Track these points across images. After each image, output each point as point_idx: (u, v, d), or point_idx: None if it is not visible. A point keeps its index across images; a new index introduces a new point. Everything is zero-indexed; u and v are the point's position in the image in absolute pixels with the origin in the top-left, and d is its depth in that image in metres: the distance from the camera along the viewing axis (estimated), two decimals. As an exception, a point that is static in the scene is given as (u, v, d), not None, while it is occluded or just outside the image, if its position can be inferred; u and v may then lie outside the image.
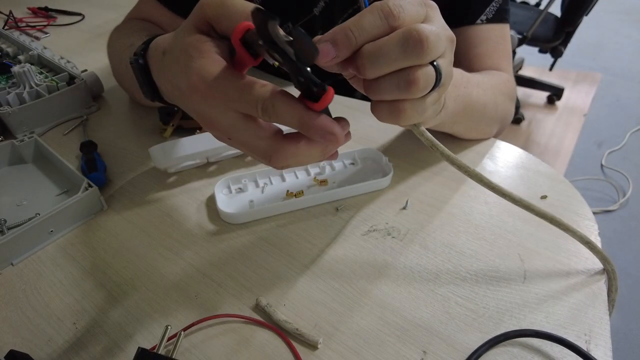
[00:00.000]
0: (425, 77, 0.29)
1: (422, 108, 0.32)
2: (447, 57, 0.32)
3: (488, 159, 0.54)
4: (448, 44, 0.31)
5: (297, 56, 0.26)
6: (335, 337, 0.36)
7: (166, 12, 0.62)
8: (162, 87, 0.38)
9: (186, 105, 0.33)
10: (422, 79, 0.29)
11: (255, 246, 0.44)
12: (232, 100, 0.29)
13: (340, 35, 0.28)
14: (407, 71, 0.29)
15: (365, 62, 0.29)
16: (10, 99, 0.59)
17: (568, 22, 1.85)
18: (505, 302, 0.39)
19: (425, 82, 0.29)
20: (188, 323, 0.37)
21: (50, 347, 0.36)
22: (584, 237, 0.39)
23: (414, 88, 0.29)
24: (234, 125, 0.31)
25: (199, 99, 0.31)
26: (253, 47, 0.29)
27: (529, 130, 2.15)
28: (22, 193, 0.50)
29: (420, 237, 0.45)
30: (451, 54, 0.32)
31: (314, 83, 0.27)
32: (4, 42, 0.78)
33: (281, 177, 0.51)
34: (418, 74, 0.29)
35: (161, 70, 0.36)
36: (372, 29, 0.28)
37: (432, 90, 0.31)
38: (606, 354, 0.34)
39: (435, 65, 0.30)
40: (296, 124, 0.29)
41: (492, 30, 0.61)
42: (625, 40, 3.00)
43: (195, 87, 0.30)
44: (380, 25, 0.28)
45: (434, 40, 0.28)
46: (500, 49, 0.62)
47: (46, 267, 0.42)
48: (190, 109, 0.33)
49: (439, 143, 0.35)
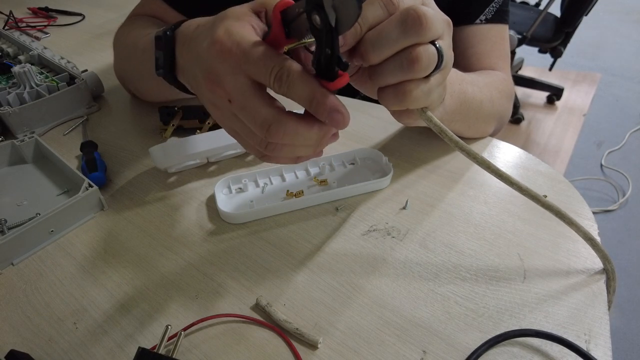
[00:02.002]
0: (427, 54, 0.30)
1: (428, 89, 0.32)
2: (446, 40, 0.32)
3: (488, 158, 0.54)
4: (446, 27, 0.32)
5: (337, 20, 0.26)
6: (336, 336, 0.36)
7: (173, 12, 0.62)
8: (180, 58, 0.38)
9: (200, 63, 0.33)
10: (424, 55, 0.29)
11: (255, 246, 0.44)
12: (249, 62, 0.29)
13: (365, 49, 0.30)
14: (408, 50, 0.29)
15: (368, 46, 0.30)
16: (10, 99, 0.59)
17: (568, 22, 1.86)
18: (505, 301, 0.39)
19: (428, 59, 0.30)
20: (188, 323, 0.37)
21: (51, 347, 0.36)
22: (587, 233, 0.40)
23: (417, 66, 0.30)
24: (242, 88, 0.30)
25: (216, 54, 0.30)
26: (288, 26, 0.29)
27: (529, 130, 2.15)
28: (23, 193, 0.50)
29: (420, 237, 0.45)
30: (449, 38, 0.33)
31: (339, 59, 0.28)
32: (5, 42, 0.78)
33: (281, 177, 0.51)
34: (419, 51, 0.29)
35: (187, 40, 0.36)
36: (373, 18, 0.29)
37: (436, 71, 0.31)
38: (606, 354, 0.34)
39: (437, 46, 0.30)
40: (307, 98, 0.29)
41: (491, 30, 0.62)
42: (624, 40, 3.00)
43: (218, 41, 0.30)
44: (382, 14, 0.29)
45: (431, 17, 0.29)
46: (498, 48, 0.62)
47: (46, 267, 0.43)
48: (202, 67, 0.32)
49: (447, 129, 0.35)
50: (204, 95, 0.34)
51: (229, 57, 0.30)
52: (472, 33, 0.62)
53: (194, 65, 0.34)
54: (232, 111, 0.32)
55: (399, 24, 0.29)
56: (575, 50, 2.74)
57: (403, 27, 0.29)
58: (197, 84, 0.34)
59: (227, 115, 0.33)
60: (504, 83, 0.59)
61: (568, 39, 1.93)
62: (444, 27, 0.31)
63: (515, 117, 2.15)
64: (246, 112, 0.31)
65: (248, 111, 0.31)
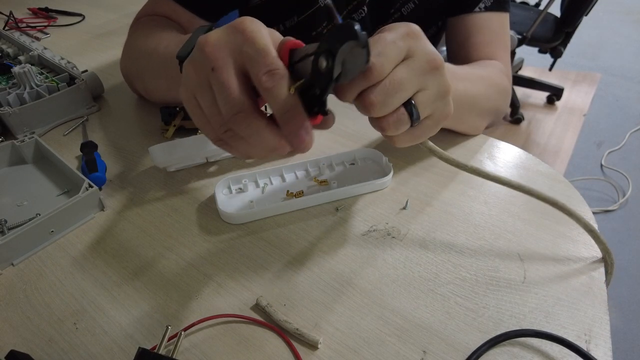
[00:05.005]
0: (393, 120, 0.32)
1: (412, 136, 0.34)
2: (431, 89, 0.32)
3: (487, 159, 0.55)
4: (427, 76, 0.32)
5: (341, 72, 0.27)
6: (335, 337, 0.36)
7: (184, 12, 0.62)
8: None
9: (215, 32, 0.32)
10: (392, 122, 0.32)
11: (255, 246, 0.44)
12: (255, 47, 0.29)
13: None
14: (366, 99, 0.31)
15: None
16: (10, 100, 0.59)
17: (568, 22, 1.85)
18: (505, 301, 0.39)
19: (395, 122, 0.32)
20: (188, 323, 0.37)
21: (51, 347, 0.36)
22: (588, 225, 0.40)
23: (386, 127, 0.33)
24: (227, 67, 0.30)
25: (233, 27, 0.30)
26: (292, 66, 0.30)
27: (529, 130, 2.15)
28: (23, 193, 0.50)
29: (420, 237, 0.45)
30: (436, 84, 0.33)
31: (323, 104, 0.29)
32: (5, 43, 0.78)
33: (281, 178, 0.51)
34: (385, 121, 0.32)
35: None
36: (355, 88, 0.31)
37: (414, 124, 0.33)
38: (606, 354, 0.34)
39: (412, 104, 0.32)
40: (284, 105, 0.29)
41: (491, 18, 0.62)
42: (624, 40, 3.00)
43: (242, 21, 0.30)
44: (362, 83, 0.30)
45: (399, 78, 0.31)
46: (498, 38, 0.62)
47: (47, 267, 0.43)
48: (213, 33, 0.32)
49: (441, 151, 0.37)
50: (194, 53, 0.32)
51: (241, 35, 0.30)
52: (471, 22, 0.62)
53: None
54: (209, 80, 0.31)
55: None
56: (575, 50, 2.74)
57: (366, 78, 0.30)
58: (198, 45, 0.33)
59: (201, 83, 0.31)
60: (500, 76, 0.58)
61: (568, 39, 1.93)
62: (424, 79, 0.32)
63: (515, 117, 2.14)
64: (224, 88, 0.30)
65: (226, 87, 0.30)
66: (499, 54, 0.61)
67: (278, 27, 0.68)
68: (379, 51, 0.29)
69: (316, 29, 0.67)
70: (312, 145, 0.30)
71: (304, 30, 0.68)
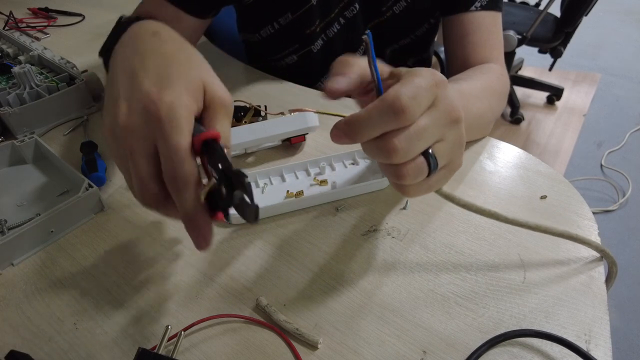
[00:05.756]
0: (412, 169, 0.31)
1: (428, 186, 0.33)
2: (448, 140, 0.32)
3: (487, 159, 0.55)
4: (447, 127, 0.31)
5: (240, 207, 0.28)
6: (335, 337, 0.36)
7: (170, 8, 0.61)
8: (121, 52, 0.36)
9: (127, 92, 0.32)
10: (410, 172, 0.30)
11: (255, 246, 0.44)
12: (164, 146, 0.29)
13: (350, 129, 0.30)
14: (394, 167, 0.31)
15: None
16: (10, 100, 0.59)
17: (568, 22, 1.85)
18: (505, 301, 0.39)
19: (415, 172, 0.31)
20: (188, 323, 0.37)
21: (51, 347, 0.36)
22: (599, 247, 0.41)
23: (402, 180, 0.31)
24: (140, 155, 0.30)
25: (145, 109, 0.29)
26: (205, 152, 0.30)
27: (529, 130, 2.15)
28: (23, 193, 0.50)
29: (420, 237, 0.45)
30: (454, 135, 0.32)
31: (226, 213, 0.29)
32: (5, 43, 0.78)
33: (281, 177, 0.51)
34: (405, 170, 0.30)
35: (136, 40, 0.35)
36: (380, 124, 0.29)
37: (432, 173, 0.32)
38: (606, 354, 0.34)
39: (429, 153, 0.31)
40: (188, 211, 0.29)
41: (486, 17, 0.63)
42: (624, 40, 3.00)
43: (155, 102, 0.29)
44: (391, 122, 0.29)
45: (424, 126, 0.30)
46: (493, 37, 0.63)
47: (46, 267, 0.43)
48: (127, 96, 0.31)
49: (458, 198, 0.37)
50: (114, 127, 0.32)
51: (156, 124, 0.29)
52: (467, 21, 0.63)
53: (116, 81, 0.33)
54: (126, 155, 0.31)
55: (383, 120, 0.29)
56: (575, 50, 2.74)
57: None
58: (113, 99, 0.32)
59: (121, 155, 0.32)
60: (500, 82, 0.59)
61: (568, 39, 1.93)
62: (444, 131, 0.31)
63: (515, 117, 2.14)
64: (137, 173, 0.30)
65: (139, 173, 0.30)
66: (494, 54, 0.63)
67: (272, 25, 0.69)
68: (413, 95, 0.28)
69: (310, 27, 0.67)
70: (211, 242, 0.30)
71: (298, 29, 0.68)
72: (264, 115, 0.59)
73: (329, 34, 0.69)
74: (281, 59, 0.73)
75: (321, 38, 0.70)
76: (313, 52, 0.70)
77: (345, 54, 0.36)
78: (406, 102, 0.28)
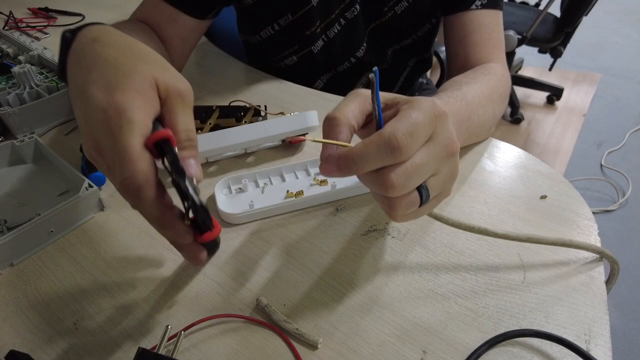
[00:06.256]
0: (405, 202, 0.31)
1: (416, 215, 0.34)
2: (442, 173, 0.32)
3: (487, 159, 0.55)
4: (443, 161, 0.32)
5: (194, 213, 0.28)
6: (335, 336, 0.36)
7: (167, 8, 0.61)
8: (70, 68, 0.36)
9: (77, 108, 0.32)
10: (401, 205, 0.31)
11: (255, 246, 0.44)
12: (113, 150, 0.29)
13: (345, 164, 0.30)
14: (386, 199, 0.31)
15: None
16: (10, 100, 0.59)
17: (567, 22, 1.85)
18: (505, 301, 0.39)
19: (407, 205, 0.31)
20: (188, 323, 0.37)
21: (50, 347, 0.36)
22: (597, 250, 0.41)
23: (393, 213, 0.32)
24: (99, 161, 0.30)
25: (101, 121, 0.29)
26: (163, 154, 0.30)
27: (529, 130, 2.15)
28: (23, 193, 0.50)
29: (420, 237, 0.45)
30: (448, 168, 0.33)
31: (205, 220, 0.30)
32: (4, 43, 0.78)
33: (281, 177, 0.51)
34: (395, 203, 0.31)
35: (79, 53, 0.35)
36: (375, 161, 0.29)
37: (423, 204, 0.32)
38: (606, 354, 0.34)
39: (423, 186, 0.31)
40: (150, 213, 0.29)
41: (487, 16, 0.63)
42: (624, 40, 3.00)
43: (107, 109, 0.29)
44: (386, 158, 0.29)
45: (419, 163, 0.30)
46: (494, 36, 0.63)
47: (46, 267, 0.43)
48: (81, 116, 0.31)
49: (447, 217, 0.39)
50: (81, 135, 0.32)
51: (111, 130, 0.29)
52: (468, 20, 0.63)
53: (79, 104, 0.33)
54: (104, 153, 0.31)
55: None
56: (575, 50, 2.74)
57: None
58: (79, 123, 0.33)
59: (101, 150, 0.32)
60: (503, 83, 0.59)
61: (568, 39, 1.93)
62: (439, 165, 0.31)
63: (515, 117, 2.14)
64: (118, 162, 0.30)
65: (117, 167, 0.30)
66: (495, 54, 0.63)
67: (272, 26, 0.68)
68: (410, 131, 0.28)
69: (310, 28, 0.67)
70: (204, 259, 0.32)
71: (298, 30, 0.68)
72: (264, 115, 0.59)
73: (329, 35, 0.69)
74: (281, 60, 0.73)
75: (322, 39, 0.69)
76: (313, 53, 0.70)
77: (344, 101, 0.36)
78: (402, 140, 0.28)
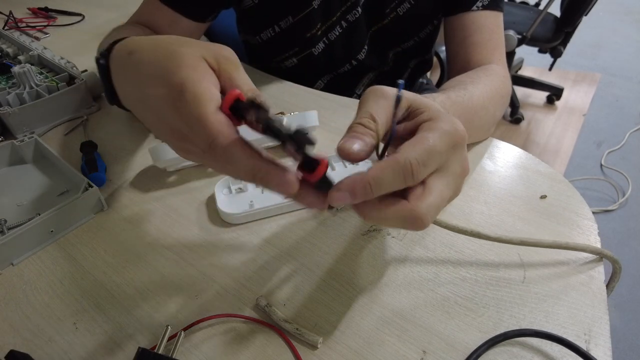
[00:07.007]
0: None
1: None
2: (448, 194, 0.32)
3: (487, 159, 0.55)
4: (452, 186, 0.31)
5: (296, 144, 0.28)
6: (335, 336, 0.36)
7: (168, 12, 0.61)
8: (120, 88, 0.36)
9: (147, 109, 0.32)
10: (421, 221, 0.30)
11: (255, 246, 0.44)
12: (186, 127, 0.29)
13: (359, 188, 0.29)
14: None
15: None
16: (10, 99, 0.59)
17: (567, 22, 1.85)
18: (505, 301, 0.39)
19: None
20: (188, 323, 0.37)
21: (50, 347, 0.36)
22: (596, 250, 0.41)
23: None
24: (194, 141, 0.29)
25: (172, 108, 0.29)
26: (241, 114, 0.29)
27: (529, 130, 2.15)
28: (23, 193, 0.50)
29: (420, 237, 0.45)
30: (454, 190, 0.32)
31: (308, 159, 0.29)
32: (4, 43, 0.78)
33: (281, 177, 0.51)
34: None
35: (122, 70, 0.35)
36: (389, 187, 0.29)
37: None
38: (606, 354, 0.34)
39: None
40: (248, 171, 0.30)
41: (488, 17, 0.63)
42: (624, 40, 3.00)
43: (173, 94, 0.28)
44: (399, 184, 0.29)
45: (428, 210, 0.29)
46: (494, 38, 0.63)
47: (46, 267, 0.43)
48: (154, 113, 0.31)
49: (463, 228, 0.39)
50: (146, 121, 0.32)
51: (183, 110, 0.29)
52: (469, 21, 0.63)
53: (140, 106, 0.33)
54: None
55: None
56: (575, 50, 2.74)
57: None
58: (148, 119, 0.33)
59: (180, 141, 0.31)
60: (504, 85, 0.59)
61: (568, 39, 1.93)
62: (452, 192, 0.31)
63: (515, 117, 2.15)
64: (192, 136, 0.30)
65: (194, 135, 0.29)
66: (496, 55, 0.63)
67: (272, 28, 0.68)
68: (423, 161, 0.28)
69: (310, 30, 0.67)
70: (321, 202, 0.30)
71: (298, 32, 0.67)
72: (264, 115, 0.59)
73: (330, 38, 0.69)
74: (281, 62, 0.73)
75: (322, 41, 0.69)
76: (314, 55, 0.70)
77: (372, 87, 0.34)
78: (416, 168, 0.28)
